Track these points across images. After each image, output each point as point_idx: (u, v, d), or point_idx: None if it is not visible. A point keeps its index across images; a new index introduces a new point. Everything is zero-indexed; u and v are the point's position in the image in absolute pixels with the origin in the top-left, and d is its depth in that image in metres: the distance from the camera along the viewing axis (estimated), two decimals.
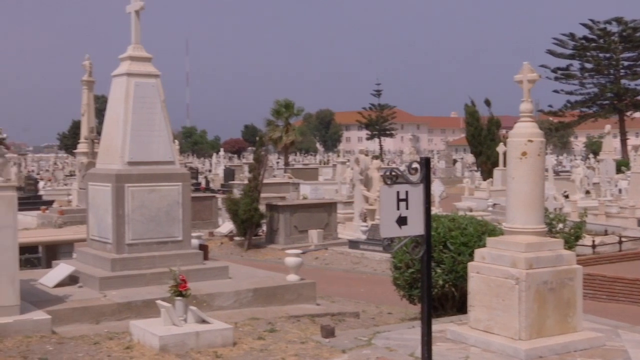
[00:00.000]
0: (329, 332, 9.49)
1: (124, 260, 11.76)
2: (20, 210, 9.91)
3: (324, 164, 71.32)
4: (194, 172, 42.74)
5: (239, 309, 11.39)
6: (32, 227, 24.60)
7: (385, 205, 6.48)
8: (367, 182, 23.86)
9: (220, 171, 52.11)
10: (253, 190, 20.93)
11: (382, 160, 52.37)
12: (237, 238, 21.61)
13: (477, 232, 11.15)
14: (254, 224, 21.01)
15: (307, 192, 35.32)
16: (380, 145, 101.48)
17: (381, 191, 6.53)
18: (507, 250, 8.83)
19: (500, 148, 35.71)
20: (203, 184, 40.19)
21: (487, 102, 48.78)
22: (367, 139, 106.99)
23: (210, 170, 59.76)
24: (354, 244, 20.31)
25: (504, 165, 32.76)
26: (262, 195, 22.15)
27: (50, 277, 11.80)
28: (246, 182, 23.87)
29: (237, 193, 24.27)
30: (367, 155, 30.61)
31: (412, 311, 12.15)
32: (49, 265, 14.47)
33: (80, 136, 30.91)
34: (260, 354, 8.80)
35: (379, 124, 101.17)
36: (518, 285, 8.53)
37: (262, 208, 21.46)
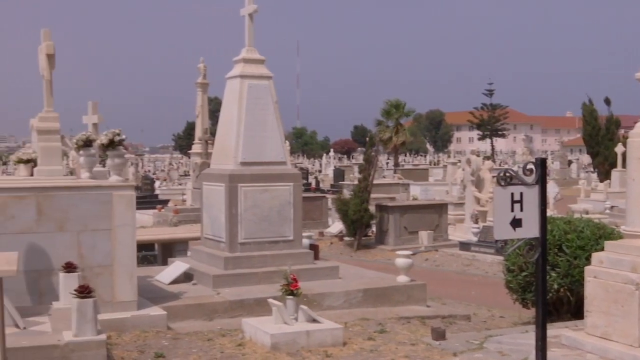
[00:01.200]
0: (439, 335, 9.38)
1: (236, 258, 11.98)
2: (137, 209, 10.23)
3: (434, 164, 70.68)
4: (304, 173, 43.11)
5: (348, 309, 11.40)
6: (148, 225, 25.38)
7: (499, 206, 6.35)
8: (478, 183, 23.50)
9: (330, 172, 52.40)
10: (363, 190, 20.92)
11: (493, 161, 51.43)
12: (346, 238, 21.66)
13: (594, 236, 10.77)
14: (363, 224, 20.99)
15: (417, 192, 35.09)
16: (492, 146, 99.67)
17: (495, 192, 6.39)
18: (627, 254, 8.49)
19: (619, 148, 34.47)
20: (313, 185, 40.50)
21: (607, 101, 47.11)
22: (479, 139, 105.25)
23: (320, 171, 60.20)
24: (464, 245, 20.02)
25: (623, 166, 31.68)
26: (372, 195, 22.11)
27: (166, 274, 12.13)
28: (356, 182, 23.89)
29: (347, 193, 24.31)
30: (478, 155, 30.13)
31: (525, 315, 11.85)
32: (164, 263, 14.90)
33: (195, 137, 31.69)
34: (370, 355, 8.78)
35: (490, 124, 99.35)
36: (638, 290, 8.20)
37: (372, 209, 21.41)
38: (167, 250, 16.60)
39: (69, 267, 9.06)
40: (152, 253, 17.14)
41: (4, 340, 5.47)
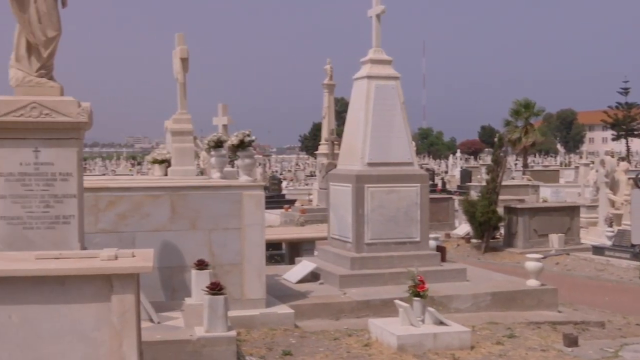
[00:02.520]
0: (572, 341, 9.08)
1: (363, 259, 12.00)
2: (265, 208, 10.40)
3: (565, 165, 68.56)
4: (430, 174, 42.75)
5: (476, 312, 11.21)
6: (275, 224, 25.77)
7: (637, 210, 6.09)
8: (613, 185, 22.64)
9: (456, 172, 51.73)
10: (491, 192, 20.52)
11: (629, 162, 49.43)
12: (473, 240, 21.31)
13: None
14: (491, 226, 20.59)
15: (547, 194, 34.11)
16: (627, 147, 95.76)
17: (632, 195, 6.14)
18: None
19: None
20: (439, 186, 40.10)
21: None
22: (613, 139, 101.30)
23: (446, 172, 59.52)
24: (598, 249, 19.30)
25: None
26: (500, 197, 21.67)
27: (294, 273, 12.29)
28: (483, 183, 23.47)
29: (474, 195, 23.94)
30: (613, 156, 29.00)
31: None
32: (291, 262, 15.09)
33: (321, 138, 31.97)
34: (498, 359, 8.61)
35: (625, 123, 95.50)
36: None
37: (500, 210, 20.99)
38: (294, 250, 16.82)
39: (201, 265, 9.31)
40: (279, 252, 17.40)
41: (139, 333, 5.67)
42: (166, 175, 12.10)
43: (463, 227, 23.03)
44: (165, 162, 12.37)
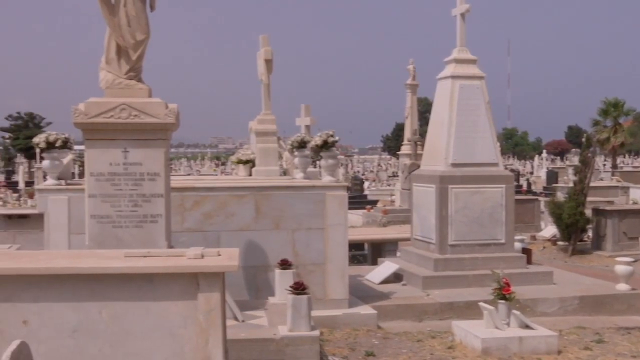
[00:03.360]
0: None
1: (446, 260, 11.89)
2: (347, 209, 10.40)
3: None
4: (515, 175, 42.04)
5: (563, 316, 10.97)
6: (358, 225, 25.75)
7: None
8: None
9: (542, 173, 50.71)
10: (578, 193, 20.02)
11: None
12: (560, 243, 20.83)
13: None
14: (578, 228, 20.09)
15: (638, 196, 33.11)
16: None
17: None
18: None
19: None
20: (524, 187, 39.39)
21: None
22: None
23: (531, 173, 58.44)
24: None
25: None
26: (588, 199, 21.13)
27: (376, 273, 12.26)
28: (570, 185, 22.93)
29: (560, 196, 23.41)
30: None
31: None
32: (374, 262, 15.06)
33: (403, 138, 31.78)
34: None
35: None
36: None
37: (588, 212, 20.47)
38: (376, 250, 16.78)
39: (285, 264, 9.38)
40: (361, 252, 17.38)
41: (225, 331, 5.74)
42: (250, 175, 12.23)
43: (549, 229, 22.56)
44: (249, 163, 12.51)
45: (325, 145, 10.64)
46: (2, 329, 5.45)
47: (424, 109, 66.91)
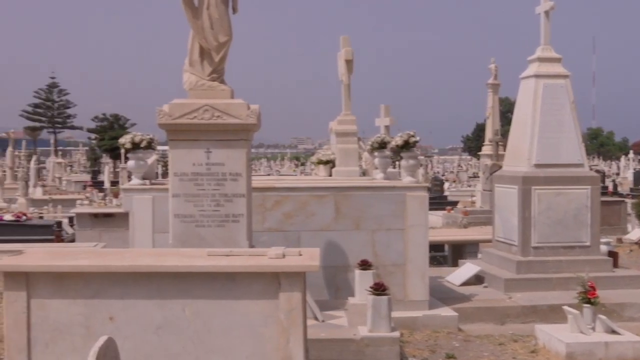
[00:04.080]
0: None
1: (529, 262, 11.67)
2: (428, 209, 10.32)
3: None
4: (601, 176, 41.00)
5: None
6: (437, 226, 25.52)
7: None
8: None
9: (629, 174, 49.37)
10: None
11: None
12: None
13: None
14: None
15: None
16: None
17: None
18: None
19: None
20: (610, 188, 38.40)
21: None
22: None
23: (617, 174, 56.93)
24: None
25: None
26: None
27: (457, 275, 12.12)
28: None
29: None
30: None
31: None
32: (454, 264, 14.90)
33: (484, 138, 31.36)
34: None
35: None
36: None
37: None
38: (456, 252, 16.59)
39: (364, 265, 9.36)
40: (441, 254, 17.21)
41: (305, 331, 5.76)
42: (330, 175, 12.27)
43: (637, 232, 21.94)
44: (329, 163, 12.54)
45: (406, 146, 10.58)
46: (90, 324, 5.60)
47: (506, 109, 65.95)
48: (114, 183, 30.24)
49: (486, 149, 30.08)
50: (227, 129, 7.39)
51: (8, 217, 18.20)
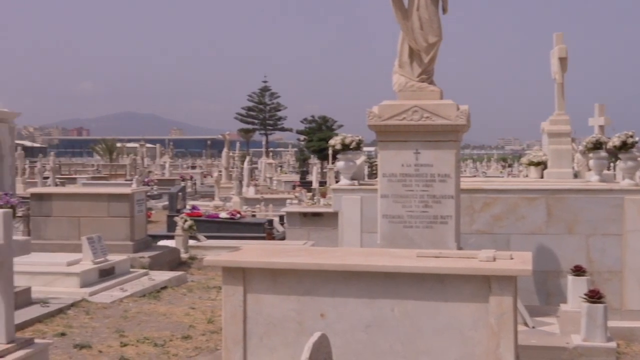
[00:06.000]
0: None
1: None
2: None
3: None
4: None
5: None
6: None
7: None
8: None
9: None
10: None
11: None
12: None
13: None
14: None
15: None
16: None
17: None
18: None
19: None
20: None
21: None
22: None
23: None
24: None
25: None
26: None
27: None
28: None
29: None
30: None
31: None
32: None
33: None
34: None
35: None
36: None
37: None
38: None
39: (578, 271, 8.98)
40: None
41: (516, 336, 5.62)
42: (542, 177, 11.89)
43: None
44: (541, 164, 12.15)
45: (624, 146, 10.03)
46: (302, 320, 5.78)
47: None
48: (322, 183, 31.06)
49: None
50: (436, 130, 7.36)
51: (223, 214, 19.23)
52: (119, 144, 64.02)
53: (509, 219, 9.63)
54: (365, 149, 13.37)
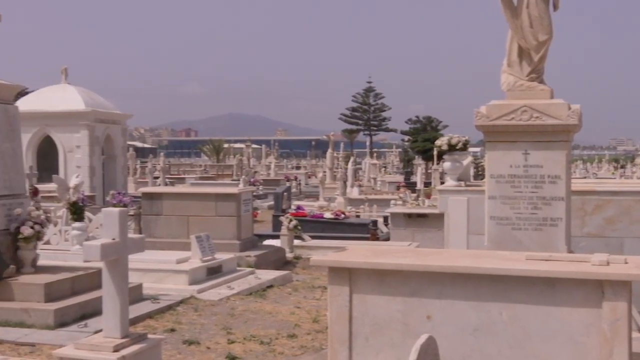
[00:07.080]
0: None
1: None
2: None
3: None
4: None
5: None
6: None
7: None
8: None
9: None
10: None
11: None
12: None
13: None
14: None
15: None
16: None
17: None
18: None
19: None
20: None
21: None
22: None
23: None
24: None
25: None
26: None
27: None
28: None
29: None
30: None
31: None
32: None
33: None
34: None
35: None
36: None
37: None
38: None
39: None
40: None
41: (630, 344, 5.42)
42: None
43: None
44: None
45: None
46: (408, 321, 5.74)
47: None
48: (427, 184, 30.83)
49: None
50: (546, 130, 7.19)
51: (328, 214, 19.35)
52: (225, 145, 65.36)
53: (623, 222, 9.33)
54: (471, 149, 13.20)
